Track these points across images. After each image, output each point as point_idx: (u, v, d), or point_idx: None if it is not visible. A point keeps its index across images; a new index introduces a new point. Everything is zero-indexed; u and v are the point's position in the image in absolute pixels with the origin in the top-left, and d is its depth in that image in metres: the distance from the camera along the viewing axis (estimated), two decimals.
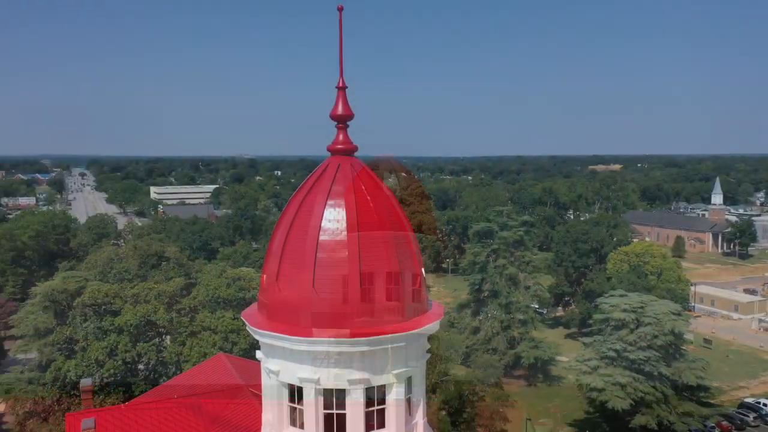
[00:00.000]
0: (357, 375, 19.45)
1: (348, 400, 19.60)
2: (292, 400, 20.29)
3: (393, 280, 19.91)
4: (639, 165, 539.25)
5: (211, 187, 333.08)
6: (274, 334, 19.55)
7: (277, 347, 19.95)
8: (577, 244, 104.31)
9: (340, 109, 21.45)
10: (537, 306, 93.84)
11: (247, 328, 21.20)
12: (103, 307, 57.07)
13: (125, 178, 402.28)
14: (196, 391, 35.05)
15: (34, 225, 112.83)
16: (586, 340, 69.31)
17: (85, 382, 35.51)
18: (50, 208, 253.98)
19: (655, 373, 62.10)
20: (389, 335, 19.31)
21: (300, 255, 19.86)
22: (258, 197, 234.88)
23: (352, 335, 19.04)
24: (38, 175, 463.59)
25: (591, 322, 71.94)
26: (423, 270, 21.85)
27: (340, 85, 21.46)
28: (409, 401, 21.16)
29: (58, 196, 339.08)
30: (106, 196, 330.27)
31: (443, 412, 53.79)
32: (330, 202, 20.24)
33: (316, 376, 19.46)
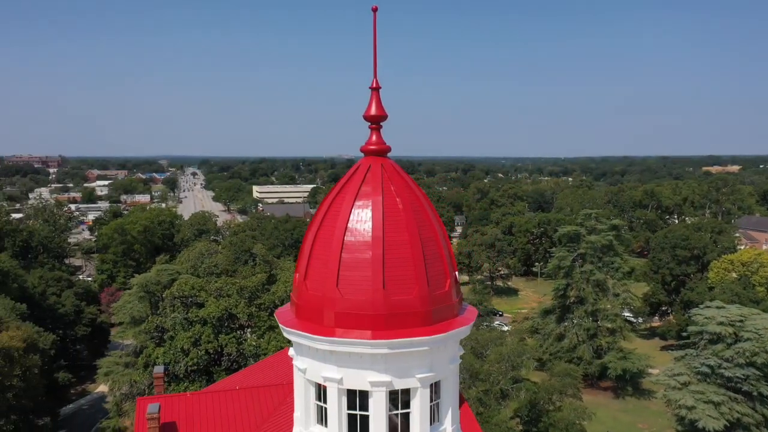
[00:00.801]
0: (378, 377, 19.34)
1: (371, 402, 19.54)
2: (318, 398, 20.52)
3: (417, 283, 19.59)
4: (761, 166, 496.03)
5: (309, 187, 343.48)
6: (300, 332, 19.84)
7: (304, 346, 20.25)
8: (675, 250, 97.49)
9: (373, 110, 21.37)
10: (628, 315, 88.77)
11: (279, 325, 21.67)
12: (190, 299, 60.46)
13: (231, 177, 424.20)
14: (260, 382, 36.26)
15: (143, 221, 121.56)
16: (678, 353, 64.64)
17: (158, 370, 37.81)
18: (162, 205, 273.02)
19: (755, 393, 56.86)
20: (409, 339, 19.03)
21: (325, 255, 20.03)
22: None
23: (372, 337, 18.96)
24: (155, 175, 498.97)
25: (685, 334, 67.07)
26: (455, 273, 21.35)
27: (374, 85, 21.38)
28: (437, 407, 20.77)
29: (171, 194, 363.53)
30: (213, 194, 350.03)
31: (514, 421, 52.26)
32: (357, 203, 20.27)
33: (339, 376, 19.55)
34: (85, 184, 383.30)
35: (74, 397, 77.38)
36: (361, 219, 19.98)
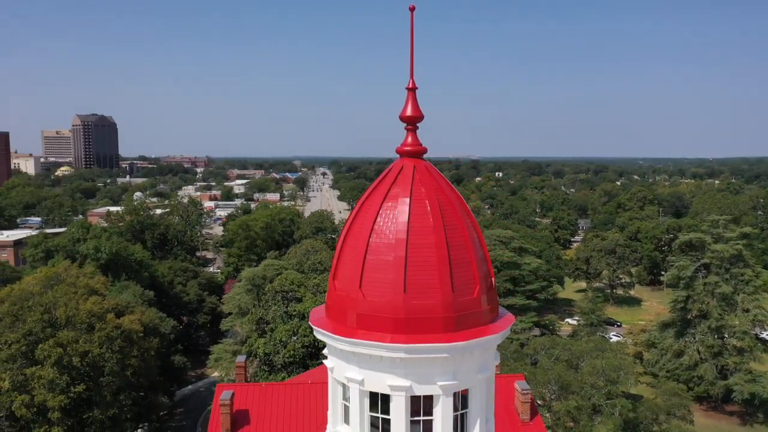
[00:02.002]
0: (398, 381, 19.07)
1: (391, 406, 19.32)
2: (344, 398, 20.65)
3: (441, 287, 19.05)
4: None
5: None
6: (325, 331, 20.08)
7: (331, 345, 20.47)
8: None
9: (409, 111, 21.07)
10: (761, 333, 79.60)
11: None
12: (290, 294, 63.27)
13: (357, 177, 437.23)
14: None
15: (264, 218, 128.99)
16: None
17: (240, 359, 40.05)
18: (291, 203, 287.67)
19: None
20: (427, 344, 18.57)
21: (352, 256, 20.11)
22: (469, 197, 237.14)
23: (391, 340, 18.74)
24: (288, 174, 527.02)
25: None
26: (490, 280, 20.50)
27: (410, 86, 21.08)
28: (463, 417, 20.06)
29: (300, 193, 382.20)
30: (338, 193, 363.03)
31: None
32: (385, 204, 20.12)
33: (360, 377, 19.54)
34: (226, 183, 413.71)
35: (193, 379, 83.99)
36: (387, 221, 19.81)
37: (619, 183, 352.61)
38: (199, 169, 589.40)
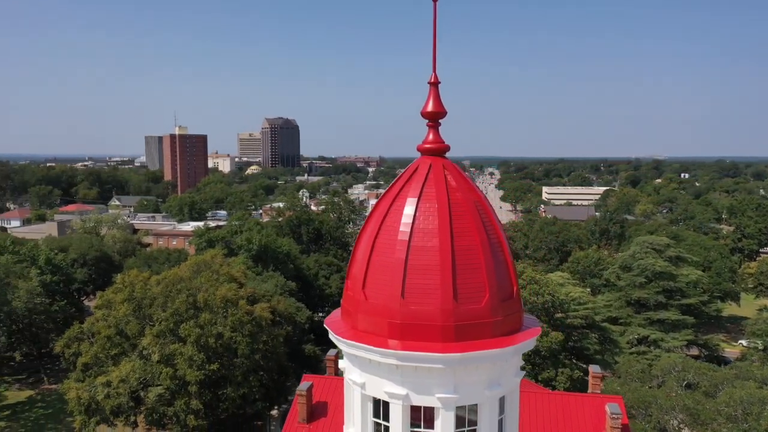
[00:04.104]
0: (395, 389, 18.38)
1: (390, 413, 18.67)
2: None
3: (441, 293, 17.96)
4: None
5: (602, 189, 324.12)
6: (330, 331, 19.97)
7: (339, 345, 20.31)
8: None
9: (431, 106, 20.13)
10: None
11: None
12: None
13: (523, 177, 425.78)
14: None
15: None
16: None
17: (330, 353, 41.14)
18: None
19: None
20: (416, 352, 17.61)
21: (361, 255, 19.76)
22: (638, 200, 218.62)
23: (384, 345, 18.10)
24: None
25: None
26: (511, 289, 18.89)
27: (432, 80, 20.11)
28: None
29: None
30: (502, 194, 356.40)
31: None
32: (394, 205, 19.48)
33: (362, 381, 19.15)
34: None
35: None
36: (394, 221, 19.13)
37: None
38: (370, 169, 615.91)
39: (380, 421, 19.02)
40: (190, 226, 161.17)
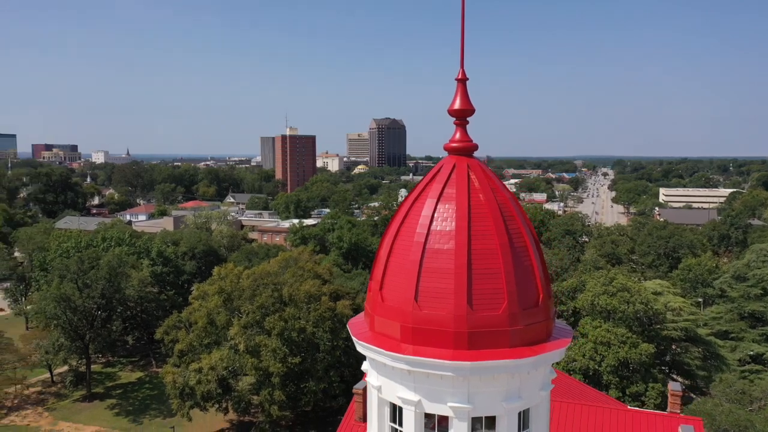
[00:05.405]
0: (407, 394, 17.89)
1: (404, 419, 18.21)
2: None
3: (454, 298, 17.23)
4: None
5: (728, 191, 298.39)
6: (351, 332, 19.78)
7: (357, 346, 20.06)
8: None
9: (458, 104, 19.37)
10: None
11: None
12: None
13: (640, 178, 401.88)
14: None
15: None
16: None
17: None
18: (560, 204, 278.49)
19: None
20: (423, 358, 16.98)
21: (382, 256, 19.41)
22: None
23: (395, 349, 17.65)
24: (564, 174, 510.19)
25: None
26: (537, 297, 17.81)
27: (460, 76, 19.34)
28: None
29: (573, 194, 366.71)
30: (614, 195, 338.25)
31: None
32: (414, 207, 18.96)
33: (378, 384, 18.85)
34: None
35: None
36: (410, 223, 18.60)
37: None
38: None
39: (396, 426, 18.61)
40: (294, 222, 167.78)
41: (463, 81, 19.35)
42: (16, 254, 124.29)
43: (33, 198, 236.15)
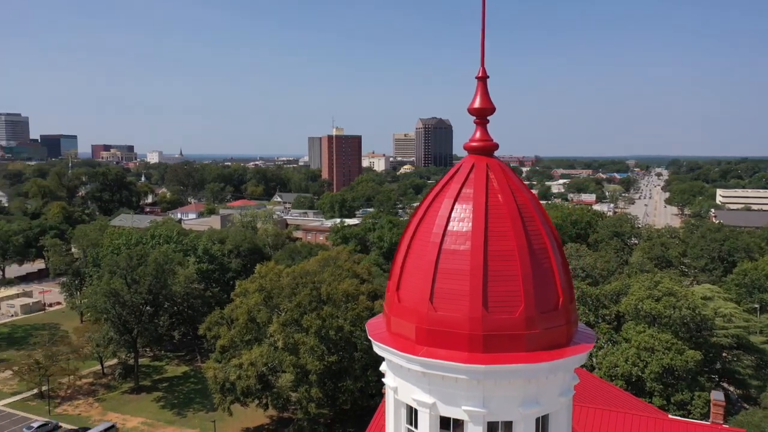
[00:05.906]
0: (422, 396, 17.70)
1: (419, 421, 18.02)
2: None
3: (470, 300, 16.94)
4: None
5: None
6: (368, 333, 19.69)
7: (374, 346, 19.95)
8: None
9: (478, 102, 19.05)
10: None
11: None
12: None
13: (695, 178, 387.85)
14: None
15: (554, 218, 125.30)
16: None
17: None
18: (609, 205, 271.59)
19: None
20: (442, 362, 16.75)
21: (399, 258, 19.29)
22: None
23: (409, 351, 17.48)
24: (615, 174, 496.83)
25: None
26: (557, 301, 17.35)
27: (480, 74, 19.01)
28: None
29: (625, 194, 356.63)
30: (667, 196, 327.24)
31: None
32: (431, 207, 18.73)
33: (394, 385, 18.72)
34: (546, 183, 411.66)
35: None
36: (428, 224, 18.39)
37: None
38: (524, 168, 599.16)
39: (413, 429, 18.44)
40: (336, 222, 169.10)
41: (483, 79, 19.01)
42: (73, 250, 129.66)
43: (90, 196, 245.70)
